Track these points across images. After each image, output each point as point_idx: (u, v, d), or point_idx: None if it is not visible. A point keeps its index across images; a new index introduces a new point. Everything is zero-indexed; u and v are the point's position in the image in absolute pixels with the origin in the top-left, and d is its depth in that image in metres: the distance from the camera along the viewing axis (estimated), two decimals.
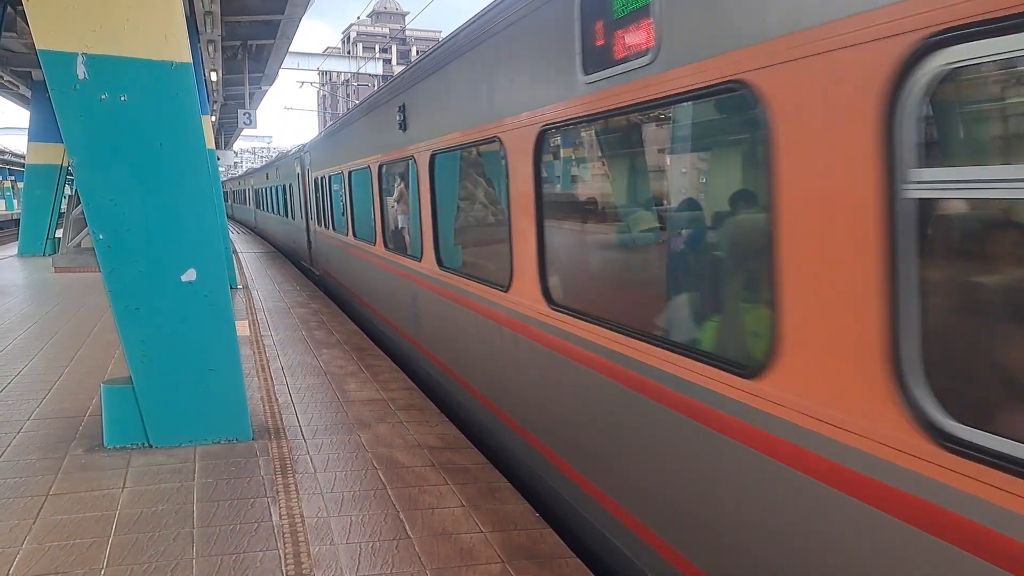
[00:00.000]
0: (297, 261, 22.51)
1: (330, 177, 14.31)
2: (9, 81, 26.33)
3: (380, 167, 9.98)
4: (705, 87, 3.26)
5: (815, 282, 2.72)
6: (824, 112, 2.62)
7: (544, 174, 5.07)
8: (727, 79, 3.11)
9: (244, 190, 47.36)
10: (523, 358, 5.44)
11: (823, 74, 2.60)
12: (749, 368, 3.11)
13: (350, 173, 12.08)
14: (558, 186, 5.61)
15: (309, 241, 19.08)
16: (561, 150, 5.40)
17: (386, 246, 9.96)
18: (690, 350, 3.56)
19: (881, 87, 2.38)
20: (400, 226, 10.06)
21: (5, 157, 60.06)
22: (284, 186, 23.74)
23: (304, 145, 19.55)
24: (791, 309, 2.86)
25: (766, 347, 3.00)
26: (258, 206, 36.75)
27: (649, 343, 3.84)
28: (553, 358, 4.95)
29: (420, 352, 8.59)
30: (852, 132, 2.49)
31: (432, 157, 7.40)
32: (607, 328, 4.22)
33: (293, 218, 22.21)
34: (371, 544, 4.65)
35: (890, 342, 2.43)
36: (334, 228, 14.55)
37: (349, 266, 13.31)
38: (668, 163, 4.61)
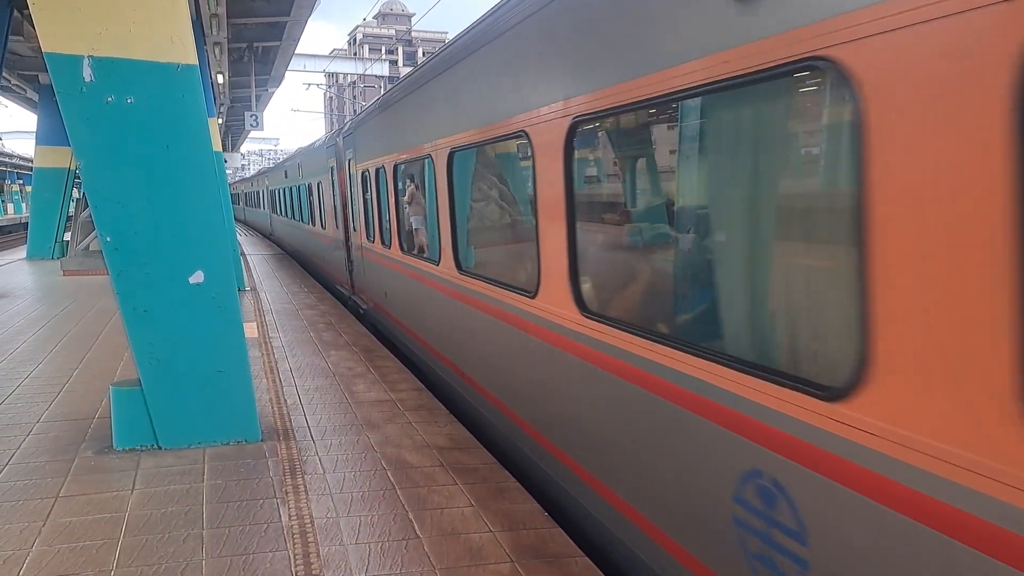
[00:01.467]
0: (331, 285, 17.14)
1: (391, 169, 9.65)
2: (16, 85, 26.47)
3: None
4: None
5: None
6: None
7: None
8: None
9: (258, 191, 40.12)
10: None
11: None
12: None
13: (425, 164, 8.05)
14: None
15: (350, 260, 14.04)
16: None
17: (532, 289, 5.40)
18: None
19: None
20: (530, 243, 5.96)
21: (13, 161, 60.33)
22: (309, 186, 19.01)
23: (344, 127, 14.23)
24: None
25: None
26: (275, 210, 30.46)
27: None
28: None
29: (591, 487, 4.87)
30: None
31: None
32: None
33: (323, 227, 17.21)
34: (380, 544, 4.64)
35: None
36: (400, 247, 9.67)
37: (423, 302, 8.75)
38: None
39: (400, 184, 9.60)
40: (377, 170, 10.53)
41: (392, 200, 9.88)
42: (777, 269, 3.41)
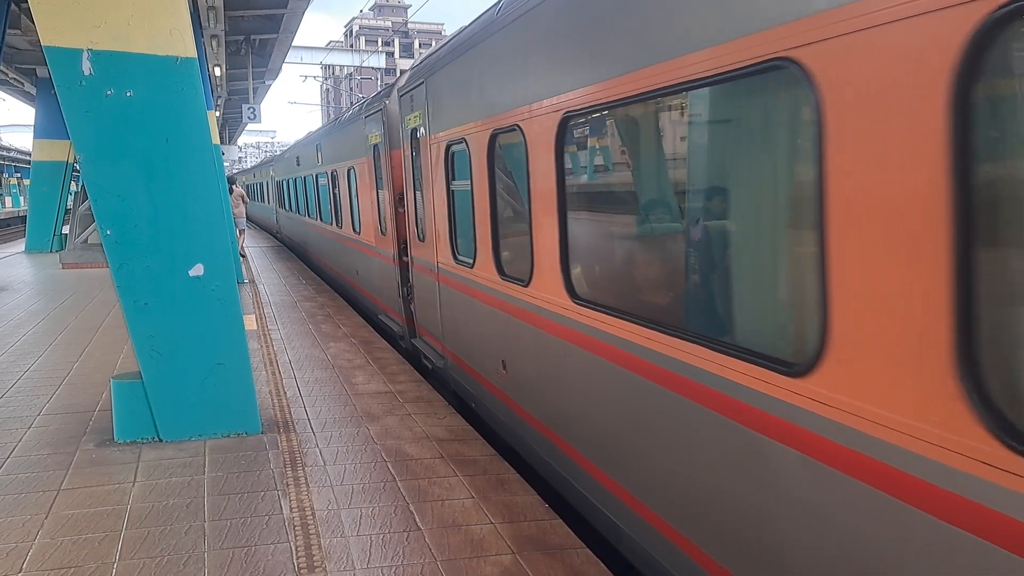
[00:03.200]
0: (365, 308, 13.07)
1: (547, 133, 4.91)
2: (14, 78, 26.39)
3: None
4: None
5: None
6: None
7: None
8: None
9: (262, 183, 34.42)
10: None
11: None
12: None
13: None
14: None
15: (406, 284, 9.62)
16: None
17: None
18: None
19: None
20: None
21: (11, 155, 60.21)
22: (333, 174, 14.41)
23: (408, 76, 8.90)
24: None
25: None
26: (283, 205, 25.63)
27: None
28: None
29: None
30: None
31: None
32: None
33: (356, 230, 12.76)
34: (381, 536, 4.66)
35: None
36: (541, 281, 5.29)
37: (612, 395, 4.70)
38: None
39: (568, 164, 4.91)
40: (495, 137, 5.87)
41: (537, 195, 5.18)
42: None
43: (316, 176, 16.90)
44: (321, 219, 17.02)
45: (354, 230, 12.96)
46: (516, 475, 5.59)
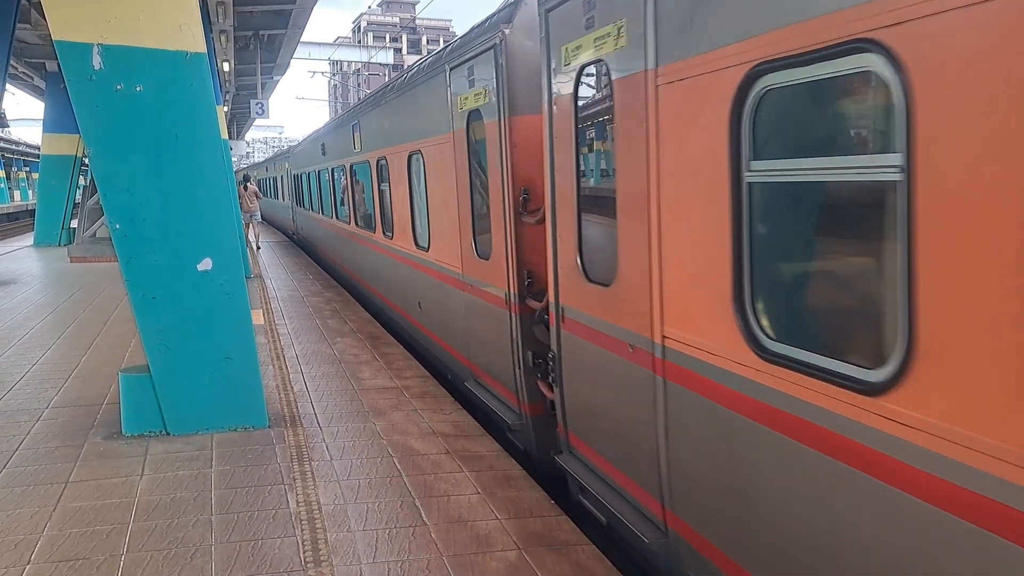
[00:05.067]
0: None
1: None
2: (24, 73, 26.45)
3: None
4: None
5: None
6: None
7: None
8: None
9: (276, 178, 30.48)
10: None
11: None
12: None
13: None
14: None
15: (552, 361, 5.36)
16: None
17: None
18: None
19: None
20: None
21: (20, 148, 60.42)
22: (379, 164, 10.55)
23: None
24: None
25: None
26: (301, 202, 22.00)
27: None
28: None
29: None
30: None
31: None
32: None
33: (420, 244, 8.84)
34: (388, 531, 4.68)
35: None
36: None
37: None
38: None
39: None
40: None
41: None
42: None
43: (350, 168, 13.01)
44: (356, 223, 12.99)
45: (416, 244, 8.98)
46: (522, 471, 5.60)
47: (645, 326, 4.01)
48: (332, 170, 15.12)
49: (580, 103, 4.63)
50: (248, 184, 22.70)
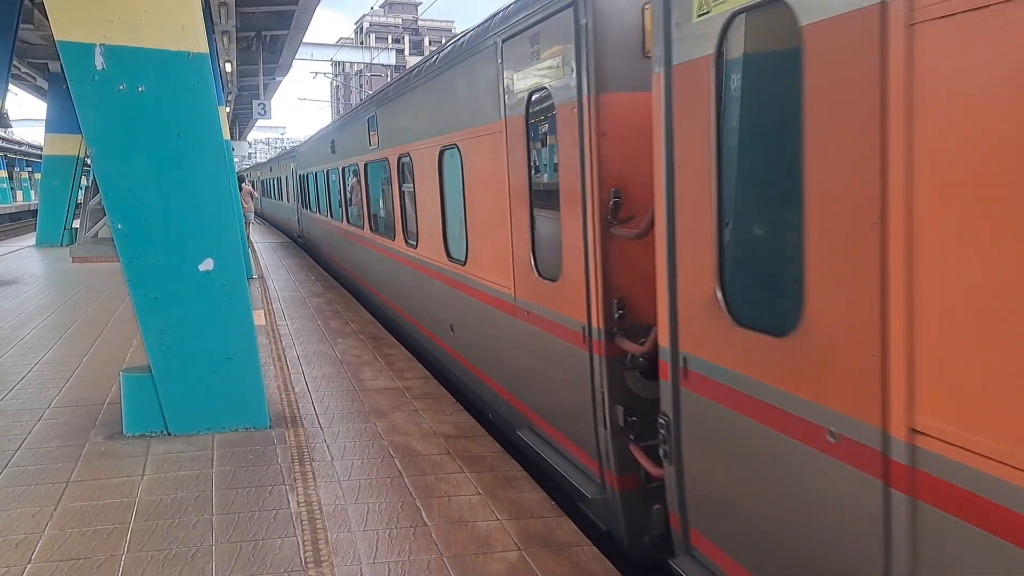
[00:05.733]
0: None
1: None
2: (26, 73, 26.50)
3: None
4: None
5: None
6: None
7: None
8: None
9: (280, 178, 28.71)
10: None
11: None
12: None
13: None
14: None
15: (635, 408, 4.50)
16: None
17: None
18: None
19: None
20: None
21: (23, 148, 60.49)
22: (400, 162, 9.24)
23: None
24: None
25: None
26: (307, 204, 20.68)
27: None
28: None
29: None
30: None
31: None
32: None
33: (455, 256, 7.45)
34: (388, 531, 4.68)
35: None
36: None
37: None
38: None
39: None
40: None
41: None
42: None
43: (365, 167, 11.55)
44: (372, 229, 11.67)
45: (448, 256, 7.64)
46: (523, 472, 5.60)
47: (867, 404, 2.57)
48: (343, 170, 13.54)
49: (725, 69, 3.26)
50: (243, 184, 23.13)
